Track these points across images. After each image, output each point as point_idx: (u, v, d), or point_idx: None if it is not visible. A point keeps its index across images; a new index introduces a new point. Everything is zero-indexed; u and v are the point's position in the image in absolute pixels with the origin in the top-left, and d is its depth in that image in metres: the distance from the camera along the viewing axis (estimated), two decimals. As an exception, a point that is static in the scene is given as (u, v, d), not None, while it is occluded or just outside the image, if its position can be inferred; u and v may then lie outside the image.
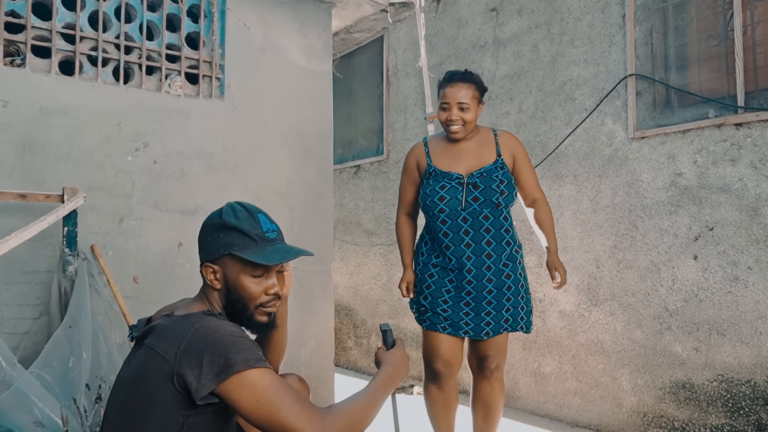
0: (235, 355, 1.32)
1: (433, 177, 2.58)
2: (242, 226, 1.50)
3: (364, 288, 5.32)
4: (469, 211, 2.49)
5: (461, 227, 2.50)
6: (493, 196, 2.49)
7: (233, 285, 1.51)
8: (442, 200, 2.51)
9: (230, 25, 3.20)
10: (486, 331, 2.53)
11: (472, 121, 2.54)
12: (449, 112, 2.53)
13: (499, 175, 2.53)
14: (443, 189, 2.53)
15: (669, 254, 3.24)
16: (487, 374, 2.61)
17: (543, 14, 3.93)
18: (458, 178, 2.53)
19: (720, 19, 3.18)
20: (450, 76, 2.59)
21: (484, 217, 2.50)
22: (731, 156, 3.00)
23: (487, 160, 2.56)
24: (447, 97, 2.54)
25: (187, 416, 1.35)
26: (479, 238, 2.50)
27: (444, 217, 2.52)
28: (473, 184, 2.51)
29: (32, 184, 2.57)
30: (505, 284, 2.54)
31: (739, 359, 2.95)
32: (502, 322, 2.55)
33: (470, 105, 2.52)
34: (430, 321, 2.58)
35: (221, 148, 3.16)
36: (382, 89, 5.28)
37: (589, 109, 3.64)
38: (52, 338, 2.14)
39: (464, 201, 2.49)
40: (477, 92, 2.56)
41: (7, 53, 2.61)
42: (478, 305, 2.52)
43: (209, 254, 1.52)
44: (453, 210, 2.50)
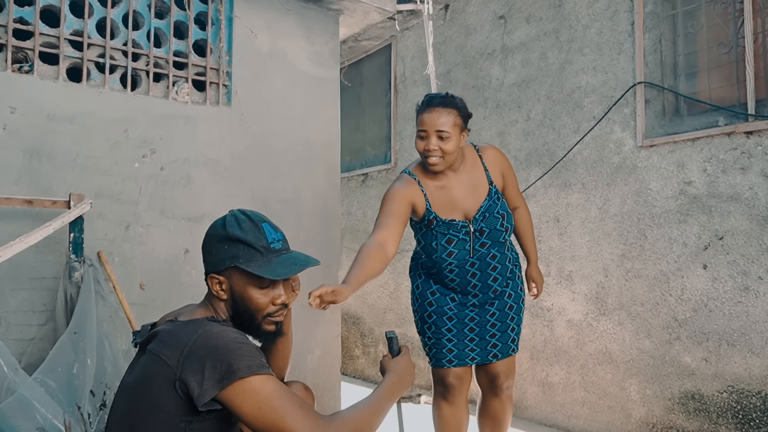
0: (238, 362, 1.31)
1: (436, 227, 2.37)
2: (247, 238, 1.49)
3: (371, 296, 5.30)
4: (478, 256, 2.38)
5: (469, 272, 2.39)
6: (500, 237, 2.39)
7: (240, 296, 1.51)
8: (450, 255, 2.37)
9: (237, 32, 3.21)
10: (494, 354, 2.46)
11: (453, 152, 2.27)
12: (427, 141, 2.26)
13: (498, 209, 2.39)
14: (451, 243, 2.35)
15: (678, 263, 3.21)
16: (498, 392, 2.53)
17: (551, 22, 3.92)
18: (464, 227, 2.35)
19: (730, 27, 3.16)
20: (429, 100, 2.31)
21: (492, 257, 2.40)
22: (741, 164, 2.97)
23: (482, 193, 2.39)
24: (425, 124, 2.26)
25: (189, 422, 1.34)
26: (486, 277, 2.42)
27: (452, 267, 2.39)
28: (479, 231, 2.36)
29: (39, 191, 2.58)
30: (507, 304, 2.47)
31: (749, 370, 2.90)
32: (510, 342, 2.47)
33: (451, 133, 2.24)
34: (435, 358, 2.47)
35: (228, 155, 3.17)
36: (389, 97, 5.28)
37: (597, 117, 3.62)
38: (57, 344, 2.14)
39: (472, 249, 2.37)
40: (459, 119, 2.28)
41: (16, 60, 2.63)
42: (482, 330, 2.44)
43: (214, 265, 1.50)
44: (462, 260, 2.37)
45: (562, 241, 3.78)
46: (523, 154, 4.04)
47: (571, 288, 3.71)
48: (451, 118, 2.25)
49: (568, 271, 3.74)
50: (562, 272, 3.77)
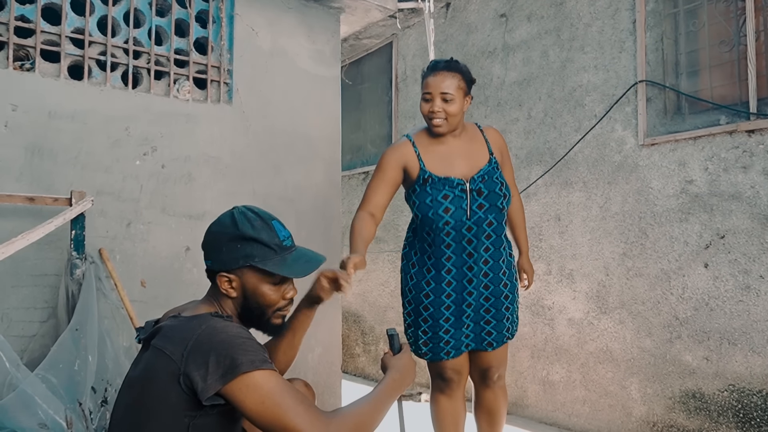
0: (241, 356, 1.31)
1: (431, 184, 2.31)
2: (261, 237, 1.50)
3: (372, 295, 5.30)
4: (474, 220, 2.29)
5: (464, 237, 2.31)
6: (498, 201, 2.32)
7: (252, 294, 1.52)
8: (447, 212, 2.27)
9: (238, 30, 3.21)
10: (488, 342, 2.42)
11: (456, 114, 2.30)
12: (431, 103, 2.29)
13: (498, 176, 2.36)
14: (447, 199, 2.28)
15: (679, 262, 3.20)
16: (490, 384, 2.52)
17: (553, 20, 3.92)
18: (460, 185, 2.30)
19: (732, 25, 3.16)
20: (434, 64, 2.36)
21: (488, 224, 2.32)
22: (743, 163, 2.97)
23: (482, 160, 2.37)
24: (429, 87, 2.30)
25: (192, 417, 1.35)
26: (480, 246, 2.34)
27: (449, 229, 2.29)
28: (477, 191, 2.30)
29: (41, 188, 2.58)
30: (503, 293, 2.42)
31: (750, 369, 2.90)
32: (504, 332, 2.44)
33: (455, 96, 2.27)
34: (432, 352, 2.40)
35: (229, 153, 3.17)
36: (390, 95, 5.28)
37: (598, 116, 3.62)
38: (59, 341, 2.14)
39: (469, 209, 2.29)
40: (463, 83, 2.32)
41: (17, 57, 2.63)
42: (477, 315, 2.39)
43: (225, 264, 1.50)
44: (458, 221, 2.28)
45: (563, 239, 3.78)
46: (524, 153, 4.04)
47: (572, 286, 3.71)
48: (455, 81, 2.29)
49: (569, 270, 3.74)
50: (563, 271, 3.77)
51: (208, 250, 1.54)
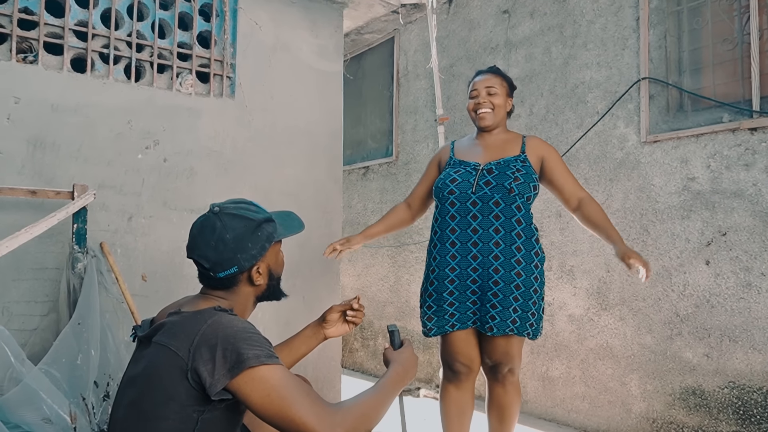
0: (248, 351, 1.32)
1: (450, 166, 2.55)
2: (266, 216, 1.58)
3: (371, 290, 5.30)
4: (479, 195, 2.39)
5: (470, 211, 2.40)
6: (505, 181, 2.38)
7: (275, 268, 1.62)
8: (453, 182, 2.44)
9: (242, 24, 3.20)
10: (490, 326, 2.37)
11: (501, 106, 2.52)
12: (477, 98, 2.52)
13: (518, 165, 2.44)
14: (457, 173, 2.48)
15: (680, 259, 3.21)
16: (500, 378, 2.52)
17: (555, 17, 3.91)
18: (474, 165, 2.48)
19: (735, 23, 3.15)
20: (479, 72, 2.62)
21: (495, 203, 2.38)
22: (745, 161, 2.97)
23: (509, 154, 2.50)
24: (475, 85, 2.55)
25: (201, 412, 1.34)
26: (487, 224, 2.37)
27: (453, 199, 2.43)
28: (488, 170, 2.43)
29: (43, 181, 2.57)
30: (515, 281, 2.36)
31: (751, 366, 2.91)
32: (509, 322, 2.37)
33: (498, 90, 2.51)
34: (437, 327, 2.45)
35: (231, 147, 3.16)
36: (392, 91, 5.27)
37: (601, 113, 3.61)
38: (61, 335, 2.13)
39: (475, 185, 2.41)
40: (506, 83, 2.56)
41: (20, 50, 2.61)
42: (483, 295, 2.38)
43: (254, 257, 1.53)
44: (463, 192, 2.41)
45: (564, 236, 3.78)
46: (526, 149, 4.04)
47: (573, 283, 3.72)
48: (498, 80, 2.54)
49: (569, 266, 3.74)
50: (564, 267, 3.77)
51: (231, 258, 1.49)
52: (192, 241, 1.53)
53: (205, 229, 1.51)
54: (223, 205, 1.55)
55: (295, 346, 1.90)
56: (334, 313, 1.90)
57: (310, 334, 1.92)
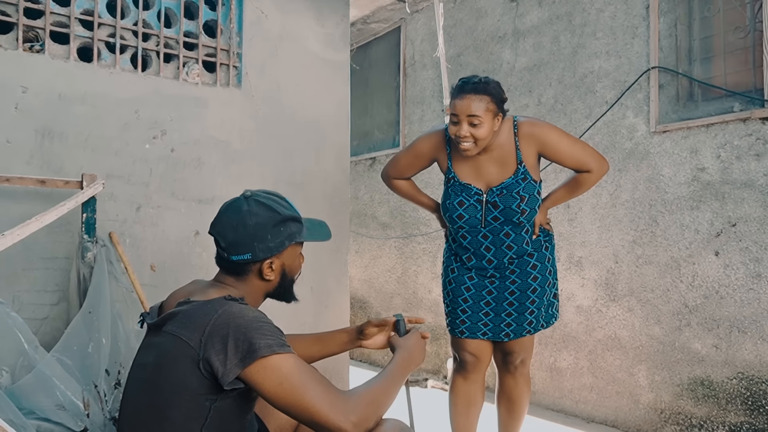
0: (259, 340, 1.32)
1: (452, 187, 2.43)
2: (294, 215, 1.57)
3: (378, 281, 5.30)
4: (489, 229, 2.38)
5: (482, 243, 2.40)
6: (513, 217, 2.34)
7: (290, 268, 1.60)
8: (461, 218, 2.39)
9: (248, 13, 3.18)
10: (506, 333, 2.43)
11: (485, 138, 2.26)
12: (459, 127, 2.26)
13: (520, 190, 2.34)
14: (462, 206, 2.38)
15: (690, 250, 3.19)
16: (512, 369, 2.52)
17: (564, 5, 3.88)
18: (477, 195, 2.37)
19: (747, 11, 3.12)
20: (461, 85, 2.29)
21: (505, 234, 2.38)
22: (756, 151, 2.95)
23: (508, 170, 2.36)
24: (456, 109, 2.27)
25: (213, 400, 1.35)
26: (499, 254, 2.40)
27: (464, 233, 2.42)
28: (492, 204, 2.35)
29: (51, 171, 2.57)
30: (530, 287, 2.41)
31: (760, 357, 2.90)
32: (525, 325, 2.42)
33: (483, 119, 2.23)
34: (450, 326, 2.51)
35: (238, 137, 3.15)
36: (398, 81, 5.25)
37: (610, 102, 3.59)
38: (72, 323, 2.14)
39: (484, 220, 2.37)
40: (492, 104, 2.25)
41: (27, 39, 2.61)
42: (498, 306, 2.41)
43: (271, 250, 1.51)
44: (473, 227, 2.39)
45: (572, 227, 3.77)
46: (534, 139, 4.01)
47: (581, 274, 3.71)
48: (482, 104, 2.23)
49: (578, 257, 3.73)
50: (572, 258, 3.76)
51: (247, 243, 1.49)
52: (217, 218, 1.56)
53: (230, 208, 1.54)
54: (255, 192, 1.56)
55: (327, 343, 1.87)
56: (372, 327, 1.84)
57: (346, 339, 1.87)
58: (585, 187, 2.45)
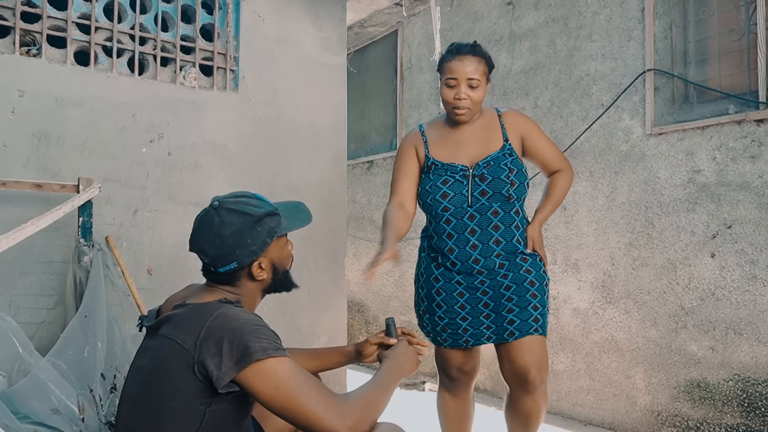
0: (255, 344, 1.32)
1: (434, 171, 2.24)
2: (268, 210, 1.54)
3: (376, 284, 5.31)
4: (477, 207, 2.17)
5: (467, 226, 2.18)
6: (503, 188, 2.16)
7: (280, 263, 1.59)
8: (445, 197, 2.19)
9: (245, 16, 3.19)
10: (510, 331, 2.16)
11: (480, 102, 2.19)
12: (457, 89, 2.14)
13: (508, 162, 2.19)
14: (446, 184, 2.20)
15: (686, 252, 3.20)
16: (529, 387, 2.17)
17: (560, 8, 3.89)
18: (462, 170, 2.20)
19: (742, 13, 3.13)
20: (457, 48, 2.19)
21: (493, 213, 2.17)
22: (751, 153, 2.96)
23: (494, 146, 2.22)
24: (454, 72, 2.14)
25: (208, 404, 1.35)
26: (487, 238, 2.18)
27: (448, 216, 2.20)
28: (480, 176, 2.17)
29: (48, 174, 2.58)
30: (526, 279, 2.19)
31: (756, 359, 2.91)
32: (531, 321, 2.16)
33: (480, 82, 2.15)
34: (452, 339, 2.25)
35: (235, 140, 3.16)
36: (395, 84, 5.26)
37: (606, 105, 3.60)
38: (68, 327, 2.14)
39: (470, 196, 2.17)
40: (486, 68, 2.20)
41: (23, 43, 2.61)
42: (498, 304, 2.18)
43: (255, 253, 1.50)
44: (458, 207, 2.18)
45: (568, 229, 3.78)
46: (530, 142, 4.02)
47: (578, 276, 3.71)
48: (480, 66, 2.16)
49: (574, 260, 3.73)
50: (569, 260, 3.76)
51: (229, 254, 1.48)
52: (193, 235, 1.53)
53: (204, 224, 1.50)
54: (223, 199, 1.53)
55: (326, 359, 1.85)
56: (370, 346, 1.82)
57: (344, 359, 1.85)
58: (563, 189, 2.35)
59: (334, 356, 1.85)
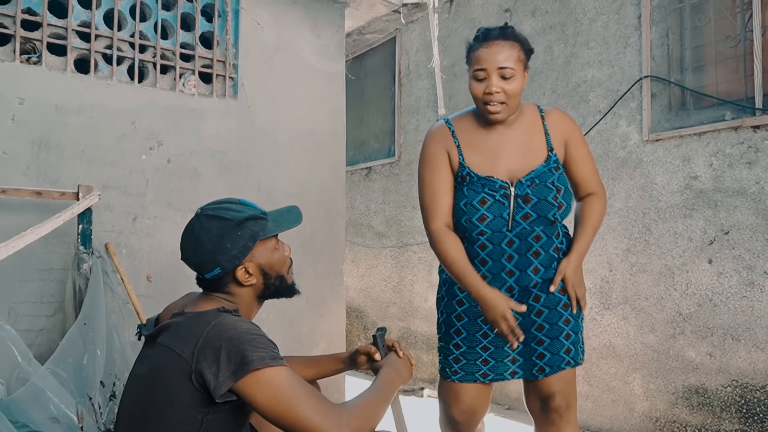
0: (252, 353, 1.32)
1: (469, 184, 1.89)
2: (249, 214, 1.52)
3: (374, 290, 5.31)
4: (517, 232, 1.87)
5: (504, 252, 1.89)
6: (549, 212, 1.86)
7: (269, 267, 1.55)
8: (483, 220, 1.87)
9: (244, 24, 3.21)
10: (540, 367, 1.90)
11: (517, 95, 1.83)
12: (488, 82, 1.80)
13: (554, 180, 1.88)
14: (485, 205, 1.86)
15: (683, 258, 3.21)
16: (556, 419, 1.92)
17: (557, 15, 3.91)
18: (503, 188, 1.86)
19: (738, 20, 3.15)
20: (485, 32, 1.85)
21: (535, 238, 1.88)
22: (748, 159, 2.97)
23: (537, 156, 1.90)
24: (483, 62, 1.81)
25: (205, 413, 1.35)
26: (523, 264, 1.89)
27: (484, 241, 1.89)
28: (523, 198, 1.86)
29: (48, 182, 2.58)
30: (560, 301, 1.92)
31: (753, 365, 2.92)
32: (563, 353, 1.89)
33: (515, 71, 1.80)
34: (464, 371, 1.94)
35: (234, 147, 3.17)
36: (394, 91, 5.28)
37: (603, 111, 3.62)
38: (67, 335, 2.15)
39: (511, 221, 1.86)
40: (522, 53, 1.84)
41: (24, 51, 2.62)
42: (526, 333, 1.89)
43: (237, 257, 1.48)
44: (497, 232, 1.87)
45: (566, 235, 3.79)
46: (528, 148, 4.04)
47: (576, 282, 3.72)
48: (514, 52, 1.81)
49: (572, 265, 3.74)
50: (567, 266, 3.77)
51: (211, 260, 1.48)
52: (180, 245, 1.54)
53: (186, 232, 1.52)
54: (205, 206, 1.54)
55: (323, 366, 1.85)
56: (361, 356, 1.80)
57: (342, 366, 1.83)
58: (599, 217, 1.98)
59: (332, 363, 1.85)
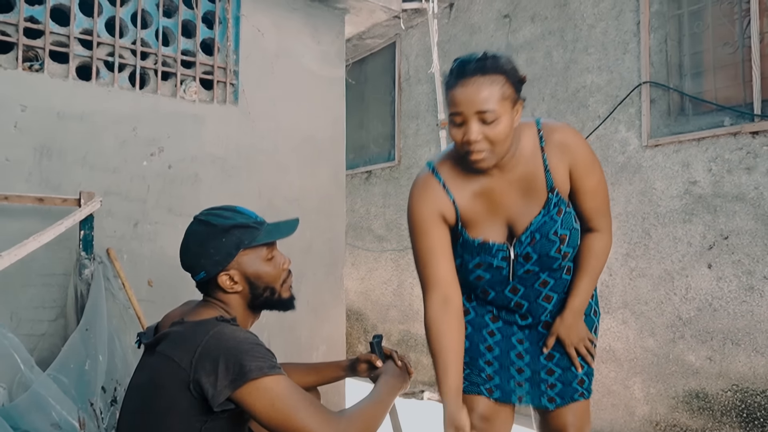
0: (250, 362, 1.32)
1: (463, 247, 1.71)
2: (238, 222, 1.51)
3: (374, 293, 5.32)
4: (521, 280, 1.71)
5: (508, 299, 1.75)
6: (552, 264, 1.68)
7: (255, 276, 1.53)
8: (480, 280, 1.73)
9: (244, 31, 3.23)
10: (550, 397, 1.76)
11: (503, 140, 1.52)
12: (465, 128, 1.51)
13: (557, 228, 1.64)
14: (480, 267, 1.70)
15: (683, 263, 3.22)
16: None
17: (556, 21, 3.93)
18: (500, 251, 1.68)
19: (736, 26, 3.17)
20: (460, 67, 1.52)
21: (542, 284, 1.72)
22: (747, 164, 2.99)
23: (537, 200, 1.65)
24: (458, 104, 1.50)
25: (204, 422, 1.36)
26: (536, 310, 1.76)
27: (486, 288, 1.76)
28: (524, 257, 1.67)
29: (50, 188, 2.59)
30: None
31: (753, 369, 2.92)
32: (576, 384, 1.75)
33: (498, 112, 1.48)
34: (468, 381, 1.77)
35: (235, 153, 3.18)
36: (394, 95, 5.30)
37: (602, 117, 3.63)
38: (69, 341, 2.16)
39: (512, 273, 1.70)
40: (509, 87, 1.50)
41: (26, 58, 2.64)
42: (534, 360, 1.76)
43: (220, 263, 1.49)
44: (498, 282, 1.73)
45: (566, 239, 3.80)
46: (528, 153, 4.05)
47: (576, 286, 3.73)
48: (495, 89, 1.48)
49: (572, 270, 3.75)
50: (567, 271, 3.78)
51: (196, 264, 1.50)
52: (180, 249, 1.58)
53: (184, 236, 1.55)
54: (202, 211, 1.56)
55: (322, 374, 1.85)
56: (361, 364, 1.79)
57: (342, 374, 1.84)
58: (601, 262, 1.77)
59: (332, 371, 1.86)
